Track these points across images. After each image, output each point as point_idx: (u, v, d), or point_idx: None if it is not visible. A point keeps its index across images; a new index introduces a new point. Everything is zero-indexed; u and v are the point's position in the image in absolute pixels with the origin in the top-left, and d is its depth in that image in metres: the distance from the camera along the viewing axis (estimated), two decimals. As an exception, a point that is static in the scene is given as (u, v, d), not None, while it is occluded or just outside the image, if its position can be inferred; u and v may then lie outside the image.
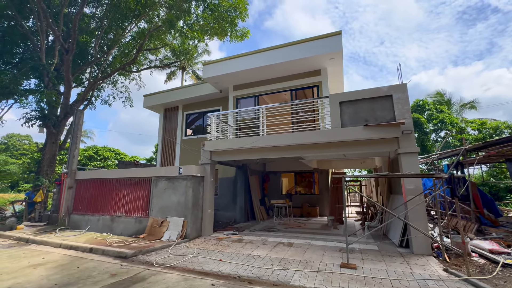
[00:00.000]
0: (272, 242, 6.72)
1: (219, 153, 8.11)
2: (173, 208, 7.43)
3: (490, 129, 20.72)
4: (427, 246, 5.44)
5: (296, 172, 13.61)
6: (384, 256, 5.37)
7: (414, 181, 5.78)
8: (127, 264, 5.14)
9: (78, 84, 13.17)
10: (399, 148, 6.02)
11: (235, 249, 6.12)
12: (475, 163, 6.80)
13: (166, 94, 12.74)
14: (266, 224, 9.78)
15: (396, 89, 6.30)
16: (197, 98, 12.09)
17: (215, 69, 9.97)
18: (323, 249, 5.98)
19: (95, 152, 27.92)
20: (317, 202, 12.68)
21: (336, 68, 9.34)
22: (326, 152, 6.88)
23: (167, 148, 12.70)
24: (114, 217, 8.20)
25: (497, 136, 19.68)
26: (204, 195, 7.88)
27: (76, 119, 9.66)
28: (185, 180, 7.45)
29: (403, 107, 6.15)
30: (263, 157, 7.68)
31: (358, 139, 6.31)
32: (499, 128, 20.11)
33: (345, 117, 6.70)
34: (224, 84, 10.69)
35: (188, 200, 7.28)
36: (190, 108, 12.65)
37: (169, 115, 13.18)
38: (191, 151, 11.49)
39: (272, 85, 10.09)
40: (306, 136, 6.80)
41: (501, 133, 19.86)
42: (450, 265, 4.74)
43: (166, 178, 7.75)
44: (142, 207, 7.96)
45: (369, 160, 12.31)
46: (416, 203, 5.52)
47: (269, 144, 7.20)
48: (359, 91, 6.70)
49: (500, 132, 20.05)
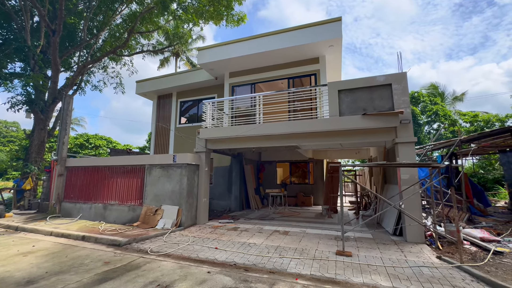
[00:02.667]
0: (267, 230, 6.73)
1: (214, 141, 7.96)
2: (167, 196, 7.32)
3: (482, 122, 21.07)
4: (421, 234, 5.52)
5: (291, 162, 13.60)
6: (378, 244, 5.43)
7: (410, 171, 5.79)
8: (121, 252, 5.05)
9: (67, 68, 12.62)
10: (397, 138, 6.00)
11: (230, 237, 6.10)
12: (470, 154, 6.88)
13: (159, 81, 12.36)
14: (261, 213, 9.81)
15: (395, 78, 6.20)
16: (192, 85, 11.77)
17: (211, 55, 9.66)
18: (319, 237, 6.01)
19: (86, 140, 27.32)
20: (311, 191, 12.77)
21: (334, 57, 9.16)
22: (323, 141, 6.81)
23: (160, 136, 12.45)
24: (107, 205, 8.05)
25: (487, 129, 20.07)
26: (199, 183, 7.78)
27: (65, 104, 9.29)
28: (180, 168, 7.32)
29: (401, 96, 6.07)
30: (259, 146, 7.58)
31: (356, 128, 6.24)
32: (490, 121, 20.46)
33: (343, 106, 6.60)
34: (220, 71, 10.40)
35: (182, 188, 7.17)
36: (185, 96, 12.34)
37: (162, 103, 12.85)
38: (186, 139, 11.30)
39: (269, 73, 9.86)
40: (304, 124, 6.70)
41: (492, 126, 20.24)
42: (443, 252, 4.83)
43: (160, 166, 7.59)
44: (135, 195, 7.83)
45: (364, 151, 12.36)
46: (411, 192, 5.55)
47: (266, 133, 7.08)
48: (358, 79, 6.58)
49: (491, 125, 20.43)
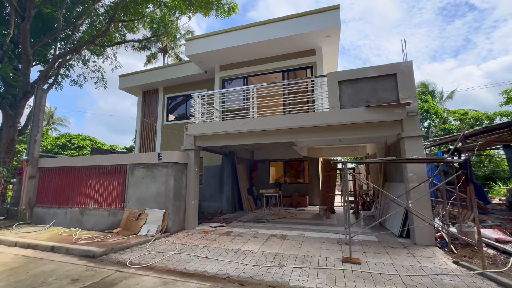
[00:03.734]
0: (263, 235, 6.13)
1: (204, 138, 7.30)
2: (152, 199, 6.60)
3: (472, 119, 21.27)
4: (431, 236, 5.08)
5: (285, 161, 13.07)
6: (386, 248, 4.94)
7: (418, 168, 5.34)
8: (94, 266, 4.33)
9: (43, 61, 11.59)
10: (403, 132, 5.54)
11: (222, 243, 5.46)
12: (476, 149, 6.57)
13: (145, 75, 11.54)
14: (255, 215, 9.21)
15: (400, 68, 5.75)
16: (180, 79, 11.03)
17: (200, 46, 8.97)
18: (320, 242, 5.47)
19: (69, 140, 25.88)
20: (306, 191, 12.28)
21: (331, 48, 8.68)
22: (322, 136, 6.29)
23: (146, 134, 11.63)
24: (84, 210, 7.24)
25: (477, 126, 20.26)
26: (188, 184, 7.11)
27: (37, 99, 8.38)
28: (166, 168, 6.62)
29: (408, 87, 5.62)
30: (253, 143, 6.98)
31: (359, 121, 5.75)
32: (480, 118, 20.66)
33: (344, 98, 6.10)
34: (210, 64, 9.73)
35: (169, 190, 6.47)
36: (172, 91, 11.57)
37: (148, 99, 12.03)
38: (174, 136, 10.55)
39: (262, 66, 9.27)
40: (302, 118, 6.15)
41: (481, 123, 20.44)
42: (459, 256, 4.38)
43: (144, 165, 6.86)
44: (116, 198, 7.06)
45: (360, 148, 12.00)
46: (420, 190, 5.10)
47: (260, 128, 6.49)
48: (360, 69, 6.10)
49: (480, 122, 20.64)
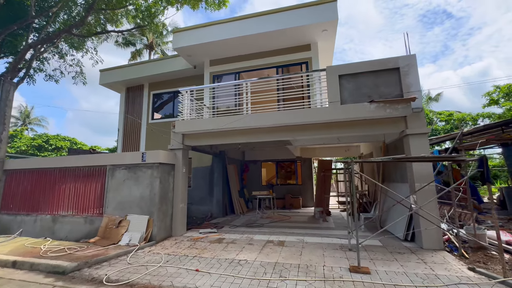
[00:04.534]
0: (259, 241, 5.63)
1: (193, 136, 6.72)
2: (135, 203, 5.94)
3: (456, 120, 21.82)
4: (439, 239, 4.77)
5: (277, 161, 12.64)
6: (393, 254, 4.57)
7: (425, 167, 5.03)
8: (62, 285, 3.66)
9: (13, 53, 10.53)
10: (407, 129, 5.23)
11: (215, 252, 4.91)
12: (477, 147, 6.42)
13: (128, 70, 10.76)
14: (247, 218, 8.69)
15: (404, 61, 5.45)
16: (167, 75, 10.35)
17: (188, 38, 8.38)
18: (321, 248, 5.04)
19: (46, 141, 24.28)
20: (300, 192, 11.90)
21: (327, 44, 8.35)
22: (321, 134, 5.89)
23: (130, 132, 10.83)
24: (57, 217, 6.45)
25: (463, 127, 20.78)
26: (175, 186, 6.49)
27: (3, 92, 7.47)
28: (151, 169, 5.98)
29: (411, 81, 5.33)
30: (247, 141, 6.48)
31: (360, 118, 5.38)
32: (465, 119, 21.22)
33: (345, 93, 5.72)
34: (199, 58, 9.14)
35: (154, 193, 5.84)
36: (158, 87, 10.86)
37: (132, 95, 11.24)
38: (160, 135, 9.86)
39: (255, 61, 8.81)
40: (300, 114, 5.71)
41: (466, 124, 21.00)
42: (472, 262, 4.07)
43: (126, 166, 6.19)
44: (94, 204, 6.33)
45: (354, 148, 11.77)
46: (427, 191, 4.79)
47: (254, 125, 5.99)
48: (361, 62, 5.75)
49: (465, 123, 21.20)
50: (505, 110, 17.51)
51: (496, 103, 18.71)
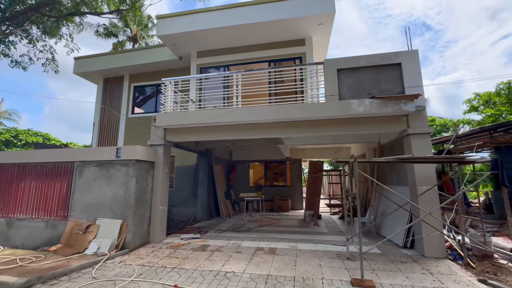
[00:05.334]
0: (247, 249, 5.07)
1: (176, 131, 6.06)
2: (106, 206, 5.19)
3: (439, 126, 22.43)
4: (441, 247, 4.45)
5: (266, 162, 12.16)
6: (395, 263, 4.18)
7: (427, 169, 4.72)
8: (3, 309, 2.92)
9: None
10: (409, 128, 4.90)
11: (197, 262, 4.30)
12: (474, 150, 6.28)
13: (107, 59, 9.85)
14: (234, 222, 8.10)
15: (406, 56, 5.14)
16: (150, 66, 9.57)
17: (174, 25, 7.70)
18: (317, 256, 4.56)
19: (15, 136, 22.37)
20: (288, 194, 11.47)
21: (322, 39, 7.98)
22: (316, 132, 5.45)
23: (106, 127, 9.91)
24: (12, 221, 5.55)
25: (444, 133, 21.39)
26: (155, 187, 5.80)
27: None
28: (126, 167, 5.27)
29: (414, 78, 5.02)
30: (236, 138, 5.93)
31: (360, 115, 4.99)
32: (446, 125, 21.85)
33: (343, 89, 5.33)
34: (185, 48, 8.47)
35: (129, 194, 5.13)
36: (140, 79, 10.04)
37: (110, 87, 10.32)
38: (141, 131, 9.05)
39: (246, 54, 8.27)
40: (294, 110, 5.24)
41: (448, 129, 21.62)
42: (480, 272, 3.75)
43: (97, 163, 5.42)
44: (58, 205, 5.50)
45: (344, 150, 11.53)
46: (429, 195, 4.47)
47: (244, 120, 5.45)
48: (361, 56, 5.38)
49: (447, 128, 21.84)
50: (485, 116, 18.12)
51: (476, 110, 19.35)
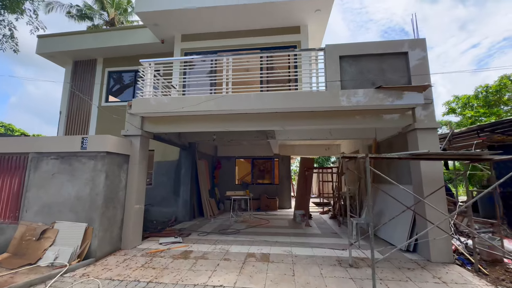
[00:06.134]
0: (237, 255, 4.46)
1: (155, 120, 5.28)
2: (67, 206, 4.34)
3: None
4: (448, 251, 4.12)
5: (253, 158, 11.58)
6: (402, 271, 3.78)
7: (434, 167, 4.36)
8: None
9: None
10: (415, 122, 4.52)
11: (179, 274, 3.62)
12: (473, 148, 6.13)
13: (77, 38, 8.71)
14: (219, 223, 7.44)
15: (413, 45, 4.76)
16: (127, 49, 8.58)
17: (155, 1, 6.84)
18: (316, 264, 4.06)
19: (-30, 126, 19.95)
20: (276, 193, 10.98)
21: (318, 27, 7.49)
22: (313, 124, 4.95)
23: (75, 116, 8.80)
24: None
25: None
26: (129, 184, 5.00)
27: None
28: (93, 160, 4.43)
29: (421, 69, 4.65)
30: (225, 129, 5.27)
31: (364, 107, 4.53)
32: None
33: (346, 78, 4.85)
34: (168, 30, 7.62)
35: (97, 192, 4.31)
36: (116, 64, 9.01)
37: (81, 71, 9.18)
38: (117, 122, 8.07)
39: (236, 40, 7.60)
40: (290, 99, 4.67)
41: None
42: (495, 280, 3.42)
43: (57, 155, 4.53)
44: (6, 206, 4.55)
45: (334, 147, 11.22)
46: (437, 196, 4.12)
47: (234, 109, 4.80)
48: (366, 43, 4.93)
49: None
50: (463, 118, 18.79)
51: (454, 112, 20.05)
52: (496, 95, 17.06)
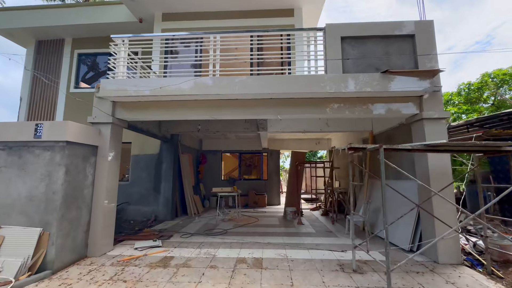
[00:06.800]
0: (225, 261, 3.89)
1: (130, 105, 4.54)
2: (17, 208, 3.55)
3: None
4: (457, 252, 3.80)
5: (241, 152, 10.98)
6: (411, 275, 3.39)
7: (442, 161, 4.01)
8: None
9: None
10: (423, 112, 4.13)
11: (155, 287, 3.00)
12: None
13: (40, 13, 7.58)
14: (205, 222, 6.82)
15: (420, 27, 4.34)
16: (100, 28, 7.61)
17: (131, -28, 5.98)
18: (316, 269, 3.58)
19: None
20: (265, 189, 10.49)
21: (313, 11, 6.95)
22: (310, 112, 4.44)
23: (39, 103, 7.74)
24: None
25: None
26: (98, 180, 4.26)
27: None
28: (50, 151, 3.66)
29: (428, 52, 4.25)
30: (210, 117, 4.64)
31: (368, 93, 4.08)
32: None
33: (348, 61, 4.36)
34: (147, 7, 6.78)
35: (54, 190, 3.56)
36: (88, 45, 8.00)
37: (46, 52, 8.08)
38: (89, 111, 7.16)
39: (223, 21, 6.90)
40: (291, 82, 4.13)
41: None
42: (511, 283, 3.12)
43: (4, 146, 3.71)
44: None
45: (325, 141, 10.87)
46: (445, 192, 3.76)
47: (224, 93, 4.19)
48: (370, 23, 4.45)
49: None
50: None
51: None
52: (478, 92, 17.55)
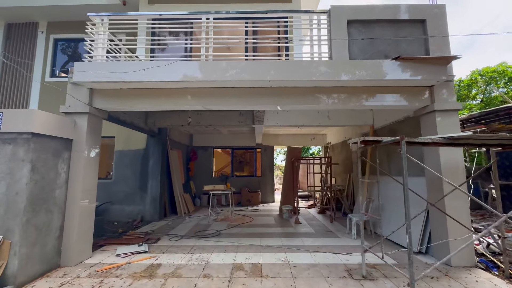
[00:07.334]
0: (220, 268, 3.47)
1: (110, 93, 4.00)
2: (-29, 211, 2.98)
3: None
4: (471, 254, 3.55)
5: (233, 148, 10.53)
6: (426, 281, 3.09)
7: (453, 155, 3.72)
8: None
9: None
10: (435, 103, 3.82)
11: (138, 305, 2.55)
12: None
13: (9, -7, 6.81)
14: (196, 222, 6.36)
15: (431, 11, 4.02)
16: (78, 11, 6.88)
17: None
18: (321, 275, 3.22)
19: None
20: (258, 186, 10.11)
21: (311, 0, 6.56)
22: (312, 102, 4.05)
23: (9, 93, 6.97)
24: None
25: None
26: (73, 178, 3.72)
27: None
28: (12, 145, 3.10)
29: (439, 40, 3.93)
30: (202, 107, 4.18)
31: (377, 82, 3.73)
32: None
33: (354, 47, 3.98)
34: (131, -12, 6.17)
35: (17, 191, 3.01)
36: (65, 30, 7.26)
37: (17, 37, 7.28)
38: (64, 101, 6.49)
39: (216, 6, 6.39)
40: (294, 68, 3.70)
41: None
42: (536, 289, 2.86)
43: (-44, 138, 3.11)
44: None
45: (320, 136, 10.57)
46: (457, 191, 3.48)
47: (219, 79, 3.73)
48: (377, 5, 4.09)
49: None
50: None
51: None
52: (467, 89, 17.75)
